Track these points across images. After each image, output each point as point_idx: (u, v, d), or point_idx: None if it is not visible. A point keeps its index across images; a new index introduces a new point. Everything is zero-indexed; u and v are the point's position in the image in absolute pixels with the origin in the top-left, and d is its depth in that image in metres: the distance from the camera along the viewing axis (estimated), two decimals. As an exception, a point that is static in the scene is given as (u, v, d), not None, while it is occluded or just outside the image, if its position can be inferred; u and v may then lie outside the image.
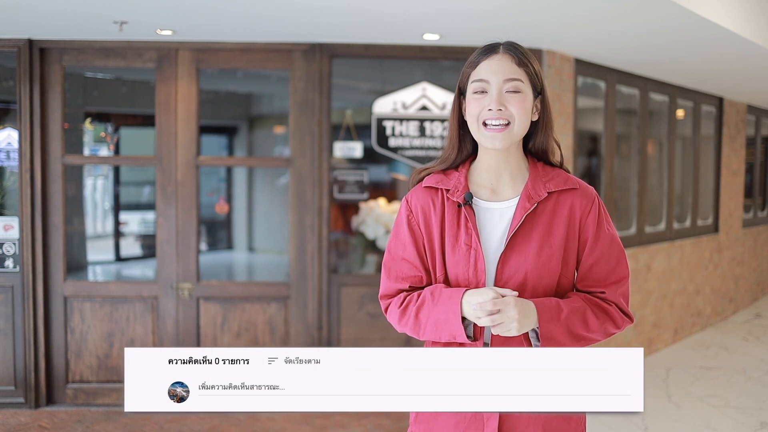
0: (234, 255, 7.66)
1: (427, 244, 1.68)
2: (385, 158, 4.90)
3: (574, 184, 1.67)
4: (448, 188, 1.66)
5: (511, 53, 1.63)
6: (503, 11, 3.64)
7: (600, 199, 1.71)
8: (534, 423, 1.60)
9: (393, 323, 1.72)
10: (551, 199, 1.65)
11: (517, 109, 1.61)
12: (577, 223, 1.65)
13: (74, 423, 4.24)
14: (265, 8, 3.63)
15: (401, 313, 1.67)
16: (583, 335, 1.62)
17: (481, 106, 1.61)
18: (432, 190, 1.69)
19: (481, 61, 1.63)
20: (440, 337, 1.61)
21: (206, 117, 6.06)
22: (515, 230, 1.60)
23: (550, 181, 1.66)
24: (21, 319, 4.41)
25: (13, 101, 4.42)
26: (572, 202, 1.66)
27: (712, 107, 7.10)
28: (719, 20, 3.94)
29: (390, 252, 1.72)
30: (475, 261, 1.61)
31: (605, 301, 1.67)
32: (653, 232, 6.12)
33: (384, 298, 1.73)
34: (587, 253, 1.67)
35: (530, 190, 1.64)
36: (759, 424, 4.36)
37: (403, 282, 1.70)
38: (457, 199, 1.64)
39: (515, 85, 1.61)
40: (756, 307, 8.14)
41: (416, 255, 1.69)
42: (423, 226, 1.68)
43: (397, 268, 1.70)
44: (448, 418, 1.63)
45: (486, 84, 1.61)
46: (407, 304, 1.66)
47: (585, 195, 1.68)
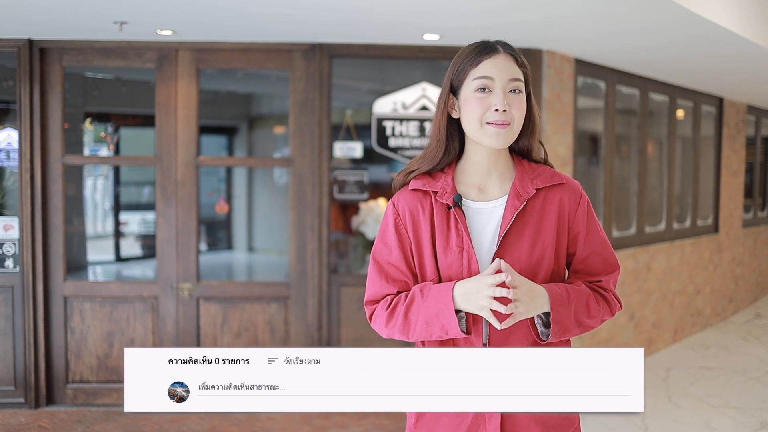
0: (234, 255, 7.66)
1: (416, 248, 1.65)
2: (385, 158, 4.90)
3: (560, 180, 1.68)
4: (435, 190, 1.65)
5: (511, 54, 1.63)
6: (503, 11, 3.64)
7: (585, 193, 1.72)
8: (536, 422, 1.60)
9: (379, 328, 1.67)
10: (539, 196, 1.65)
11: (518, 110, 1.61)
12: (566, 218, 1.66)
13: (74, 423, 4.24)
14: (265, 8, 3.63)
15: (389, 315, 1.63)
16: (584, 321, 1.62)
17: (486, 106, 1.59)
18: (419, 193, 1.67)
19: (484, 59, 1.61)
20: (431, 335, 1.58)
21: (206, 117, 6.06)
22: (507, 229, 1.60)
23: (537, 178, 1.66)
24: (21, 319, 4.41)
25: (13, 101, 4.42)
26: (561, 198, 1.66)
27: (712, 107, 7.10)
28: (719, 20, 3.94)
29: (375, 257, 1.69)
30: (468, 262, 1.59)
31: (602, 288, 1.69)
32: (653, 232, 6.12)
33: (369, 304, 1.70)
34: (581, 247, 1.68)
35: (518, 187, 1.64)
36: (759, 424, 4.36)
37: (390, 287, 1.66)
38: (446, 201, 1.63)
39: (517, 86, 1.61)
40: (756, 307, 8.14)
41: (403, 259, 1.66)
42: (411, 229, 1.65)
43: (384, 273, 1.67)
44: (449, 420, 1.62)
45: (490, 82, 1.59)
46: (395, 305, 1.63)
47: (572, 190, 1.68)
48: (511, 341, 1.60)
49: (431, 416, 1.64)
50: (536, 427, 1.60)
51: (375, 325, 1.68)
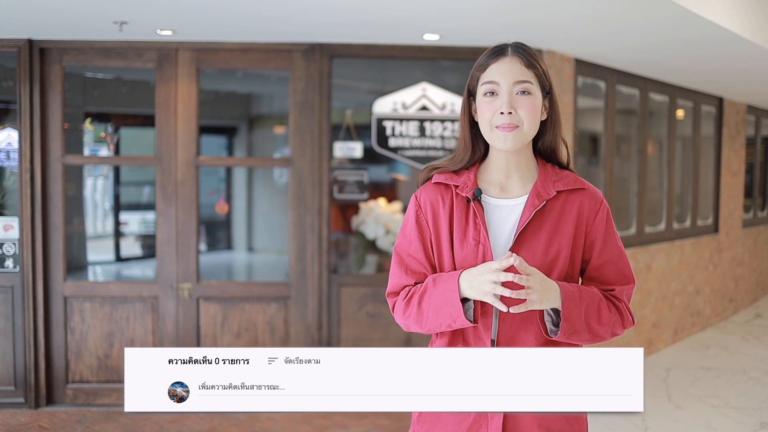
0: (234, 255, 7.66)
1: (435, 239, 1.68)
2: (385, 158, 4.90)
3: (582, 185, 1.69)
4: (457, 184, 1.68)
5: (519, 55, 1.63)
6: (503, 11, 3.64)
7: (606, 202, 1.72)
8: (538, 423, 1.60)
9: (399, 320, 1.70)
10: (560, 198, 1.66)
11: (527, 112, 1.61)
12: (584, 223, 1.66)
13: (74, 423, 4.24)
14: (265, 8, 3.63)
15: (405, 305, 1.67)
16: (594, 327, 1.61)
17: (493, 110, 1.62)
18: (441, 186, 1.70)
19: (490, 64, 1.64)
20: (441, 324, 1.60)
21: (206, 117, 6.06)
22: (524, 226, 1.61)
23: (560, 181, 1.68)
24: (21, 319, 4.41)
25: (13, 101, 4.42)
26: (581, 202, 1.67)
27: (712, 107, 7.10)
28: (719, 20, 3.94)
29: (396, 249, 1.73)
30: (483, 256, 1.61)
31: (615, 297, 1.68)
32: (653, 232, 6.12)
33: (390, 296, 1.74)
34: (597, 254, 1.68)
35: (539, 188, 1.66)
36: (759, 424, 4.36)
37: (409, 278, 1.70)
38: (466, 194, 1.66)
39: (525, 87, 1.62)
40: (756, 307, 8.14)
41: (422, 251, 1.69)
42: (431, 221, 1.69)
43: (404, 265, 1.71)
44: (451, 417, 1.62)
45: (496, 86, 1.62)
46: (411, 295, 1.66)
47: (593, 196, 1.69)
48: (520, 336, 1.60)
49: (434, 415, 1.65)
50: (538, 430, 1.60)
51: (396, 316, 1.71)
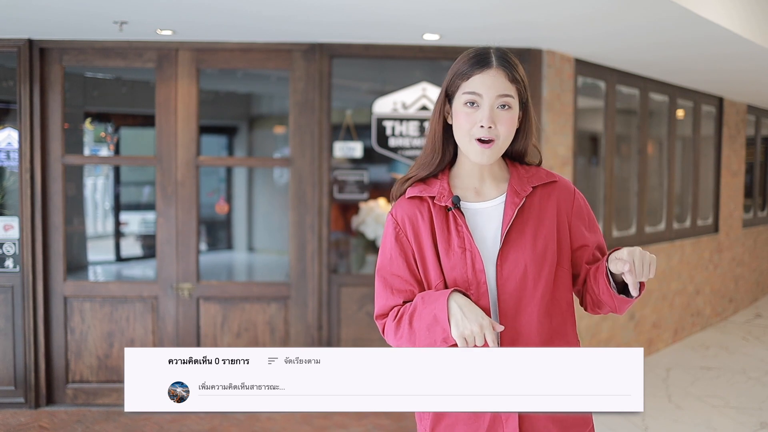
0: (234, 255, 7.67)
1: (418, 255, 1.65)
2: (385, 158, 4.90)
3: (553, 178, 1.72)
4: (433, 195, 1.66)
5: (504, 69, 1.61)
6: (503, 11, 3.64)
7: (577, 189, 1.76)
8: (553, 422, 1.60)
9: (391, 341, 1.67)
10: (536, 194, 1.68)
11: (505, 126, 1.61)
12: (564, 213, 1.69)
13: (74, 423, 4.24)
14: (265, 8, 3.63)
15: (396, 326, 1.63)
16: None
17: (473, 122, 1.60)
18: (416, 200, 1.68)
19: (474, 74, 1.61)
20: (435, 341, 1.56)
21: (206, 117, 6.06)
22: (509, 225, 1.62)
23: (533, 177, 1.70)
24: (21, 319, 4.41)
25: (13, 101, 4.42)
26: (557, 195, 1.69)
27: (712, 107, 7.10)
28: (719, 20, 3.94)
29: (379, 271, 1.70)
30: (472, 262, 1.60)
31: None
32: (653, 232, 6.12)
33: (379, 319, 1.70)
34: (591, 238, 1.70)
35: (516, 186, 1.67)
36: (759, 424, 4.36)
37: (396, 297, 1.66)
38: (444, 203, 1.64)
39: (506, 101, 1.61)
40: (756, 307, 8.14)
41: (406, 268, 1.66)
42: (412, 237, 1.66)
43: (389, 285, 1.67)
44: (466, 419, 1.60)
45: (478, 98, 1.60)
46: (401, 315, 1.63)
47: (565, 186, 1.72)
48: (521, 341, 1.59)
49: (448, 422, 1.62)
50: (554, 427, 1.60)
51: (387, 338, 1.69)
